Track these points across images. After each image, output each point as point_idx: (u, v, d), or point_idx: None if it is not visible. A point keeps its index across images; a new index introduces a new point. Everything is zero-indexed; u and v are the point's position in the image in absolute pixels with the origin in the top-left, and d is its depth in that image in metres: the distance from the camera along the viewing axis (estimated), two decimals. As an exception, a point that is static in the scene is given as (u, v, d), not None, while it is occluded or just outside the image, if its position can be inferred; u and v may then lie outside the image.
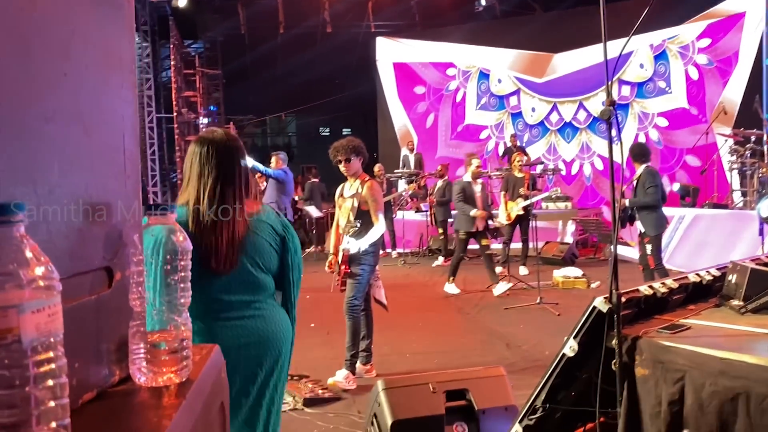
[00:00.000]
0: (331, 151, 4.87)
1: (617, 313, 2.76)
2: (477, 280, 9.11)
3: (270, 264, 2.14)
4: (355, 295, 4.75)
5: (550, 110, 14.64)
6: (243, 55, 17.90)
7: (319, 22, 16.16)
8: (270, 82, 19.48)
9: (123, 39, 1.00)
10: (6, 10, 0.73)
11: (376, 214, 4.75)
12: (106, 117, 0.94)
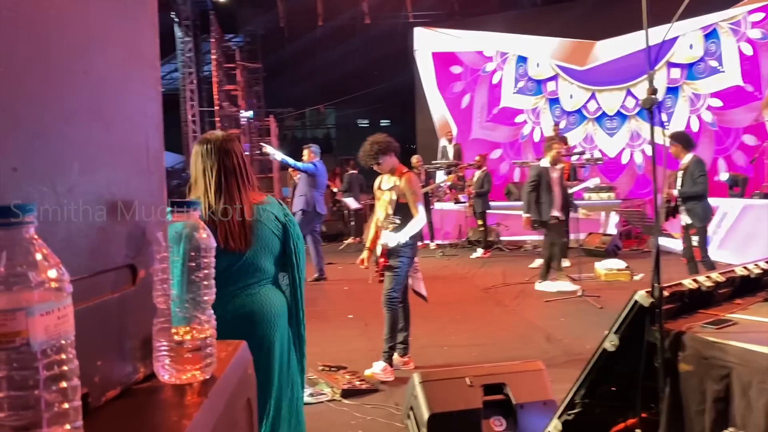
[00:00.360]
0: (360, 159, 4.89)
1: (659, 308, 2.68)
2: (517, 272, 9.02)
3: (273, 248, 2.35)
4: (393, 287, 4.74)
5: (589, 98, 14.34)
6: (282, 48, 18.00)
7: (357, 14, 16.13)
8: (309, 75, 19.57)
9: (145, 35, 0.99)
10: (23, 10, 0.73)
11: (415, 206, 4.72)
12: (129, 114, 0.94)
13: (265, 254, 2.33)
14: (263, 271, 2.34)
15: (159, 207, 1.01)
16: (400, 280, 4.78)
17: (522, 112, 15.20)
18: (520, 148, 15.25)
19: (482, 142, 15.40)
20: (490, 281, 8.58)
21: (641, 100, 2.71)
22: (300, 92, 20.57)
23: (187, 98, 15.59)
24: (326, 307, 7.41)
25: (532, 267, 9.28)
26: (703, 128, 12.74)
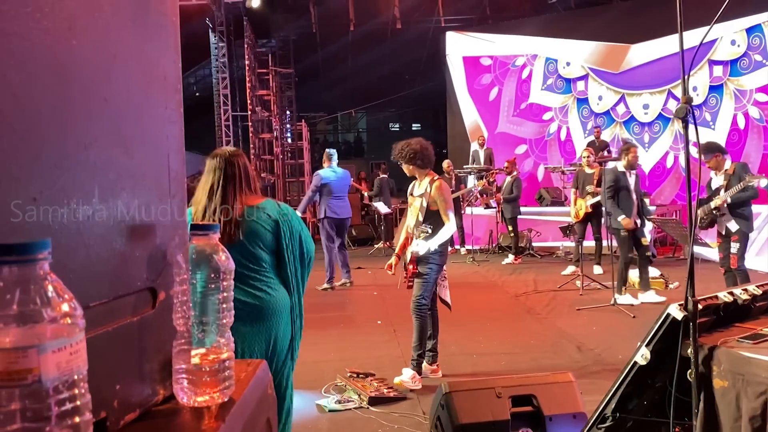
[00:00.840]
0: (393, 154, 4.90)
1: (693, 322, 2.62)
2: (548, 279, 8.91)
3: (265, 242, 2.70)
4: (422, 294, 4.72)
5: (618, 101, 14.11)
6: (314, 53, 18.14)
7: (389, 19, 16.16)
8: (341, 79, 19.67)
9: (167, 57, 1.00)
10: (45, 40, 0.74)
11: (446, 213, 4.70)
12: (150, 138, 0.95)
13: (255, 247, 2.67)
14: (256, 261, 2.67)
15: (179, 229, 1.01)
16: (429, 287, 4.76)
17: (550, 110, 15.07)
18: (546, 146, 15.12)
19: (508, 136, 15.34)
20: (521, 288, 8.50)
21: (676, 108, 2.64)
22: (332, 96, 20.70)
23: (220, 102, 15.79)
24: (354, 312, 7.42)
25: (565, 274, 9.17)
26: (750, 124, 12.39)
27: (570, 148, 14.82)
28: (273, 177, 16.60)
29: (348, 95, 20.49)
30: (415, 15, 16.25)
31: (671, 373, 2.57)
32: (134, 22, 0.90)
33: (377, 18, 16.16)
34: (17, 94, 0.69)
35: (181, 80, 1.03)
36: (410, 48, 17.70)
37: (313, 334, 6.32)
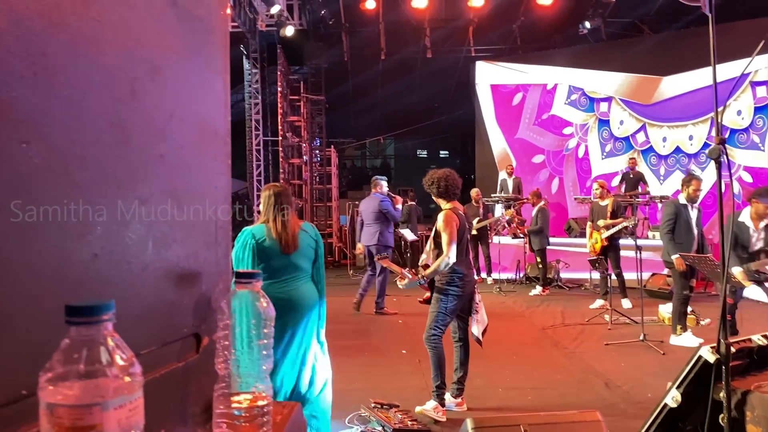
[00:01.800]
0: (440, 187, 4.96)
1: (726, 365, 2.58)
2: (576, 312, 8.80)
3: (309, 255, 3.73)
4: (434, 324, 4.71)
5: (638, 129, 14.01)
6: (345, 81, 18.40)
7: (419, 48, 16.35)
8: (370, 107, 19.89)
9: (218, 112, 1.05)
10: (109, 102, 0.79)
11: (447, 244, 4.68)
12: (200, 190, 1.00)
13: (304, 259, 3.69)
14: (302, 269, 3.68)
15: (223, 276, 1.05)
16: (441, 318, 4.74)
17: (571, 125, 15.02)
18: (563, 160, 15.06)
19: (526, 143, 15.35)
20: (548, 320, 8.41)
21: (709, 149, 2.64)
22: (361, 123, 20.91)
23: (252, 127, 16.06)
24: (379, 341, 7.41)
25: (593, 308, 9.05)
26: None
27: (587, 166, 14.81)
28: (301, 201, 16.75)
29: (377, 122, 20.68)
30: (445, 45, 16.43)
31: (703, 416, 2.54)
32: (191, 82, 0.95)
33: (408, 47, 16.37)
34: (84, 155, 0.74)
35: (230, 133, 1.08)
36: (440, 77, 17.86)
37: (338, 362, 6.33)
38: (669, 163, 13.84)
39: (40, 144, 0.68)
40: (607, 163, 14.73)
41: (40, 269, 0.68)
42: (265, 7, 12.09)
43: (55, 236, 0.70)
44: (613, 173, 14.59)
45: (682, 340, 6.80)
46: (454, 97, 18.64)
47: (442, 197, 4.91)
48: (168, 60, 0.90)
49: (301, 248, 3.65)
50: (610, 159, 14.63)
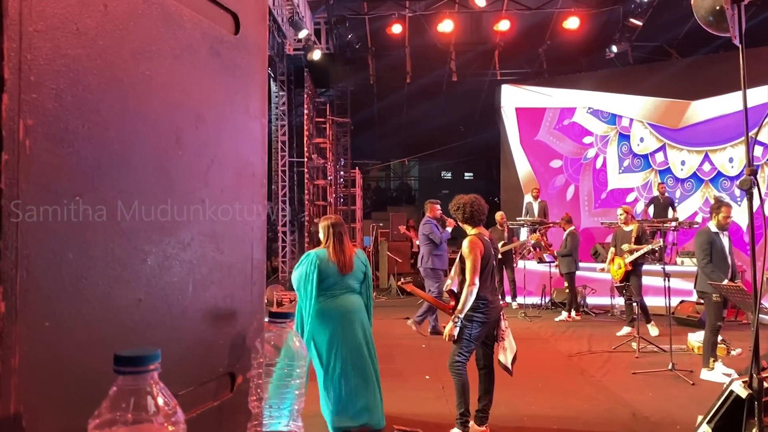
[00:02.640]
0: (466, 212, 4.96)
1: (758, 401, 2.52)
2: (603, 339, 8.67)
3: (359, 276, 4.57)
4: (458, 351, 4.67)
5: (658, 148, 13.87)
6: (371, 103, 18.57)
7: (445, 72, 16.46)
8: (395, 129, 20.01)
9: (256, 155, 1.08)
10: (155, 152, 0.82)
11: (471, 271, 4.63)
12: (238, 232, 1.02)
13: (354, 279, 4.53)
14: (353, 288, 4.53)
15: (257, 315, 1.08)
16: (465, 344, 4.69)
17: (591, 134, 14.93)
18: (580, 168, 14.95)
19: (545, 146, 15.29)
20: (574, 347, 8.28)
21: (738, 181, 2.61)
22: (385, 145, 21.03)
23: (278, 149, 16.24)
24: (403, 366, 7.36)
25: (621, 335, 8.91)
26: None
27: (603, 178, 14.78)
28: (326, 222, 16.83)
29: (402, 144, 20.79)
30: (471, 68, 16.51)
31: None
32: (231, 127, 0.98)
33: (433, 71, 16.49)
34: (132, 204, 0.77)
35: (267, 174, 1.11)
36: (465, 99, 17.93)
37: (362, 386, 6.32)
38: (686, 187, 13.70)
39: (92, 195, 0.71)
40: (624, 178, 14.68)
41: (88, 316, 0.70)
42: (294, 32, 12.29)
43: (103, 283, 0.72)
44: (629, 189, 14.51)
45: (713, 375, 6.63)
46: (479, 120, 18.69)
47: (468, 223, 4.90)
48: (210, 108, 0.93)
49: (354, 270, 4.50)
50: (626, 174, 14.56)
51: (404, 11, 14.59)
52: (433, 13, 14.49)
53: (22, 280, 0.62)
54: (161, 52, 0.82)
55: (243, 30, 1.01)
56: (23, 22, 0.62)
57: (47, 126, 0.65)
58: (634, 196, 14.63)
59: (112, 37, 0.74)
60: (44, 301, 0.64)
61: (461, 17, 14.74)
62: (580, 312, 10.75)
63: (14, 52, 0.61)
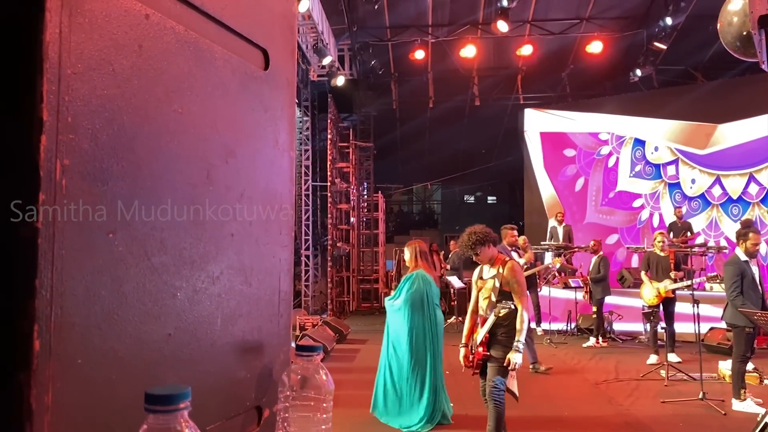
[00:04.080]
0: (459, 248, 4.98)
1: (796, 437, 2.45)
2: (631, 366, 8.51)
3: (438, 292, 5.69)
4: (499, 378, 4.60)
5: (713, 183, 13.65)
6: (394, 128, 18.68)
7: (467, 96, 16.53)
8: (418, 153, 20.08)
9: (284, 187, 1.09)
10: (186, 188, 0.83)
11: (520, 298, 4.61)
12: (266, 264, 1.03)
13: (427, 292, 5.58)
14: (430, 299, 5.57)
15: (284, 348, 1.07)
16: (506, 371, 4.64)
17: (639, 197, 14.74)
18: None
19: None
20: (601, 375, 8.13)
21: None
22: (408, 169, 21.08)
23: (302, 173, 16.36)
24: (427, 392, 7.26)
25: (650, 363, 8.73)
26: None
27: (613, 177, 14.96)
28: (348, 247, 16.86)
29: (424, 168, 20.84)
30: (493, 93, 16.55)
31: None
32: (260, 160, 0.99)
33: (456, 96, 16.56)
34: (163, 239, 0.78)
35: (294, 206, 1.11)
36: (488, 124, 17.95)
37: (385, 413, 6.27)
38: (692, 206, 13.55)
39: (124, 232, 0.72)
40: (633, 182, 14.63)
41: (120, 352, 0.71)
42: (318, 59, 12.46)
43: (134, 319, 0.73)
44: (637, 194, 14.43)
45: (745, 406, 6.45)
46: (502, 144, 18.68)
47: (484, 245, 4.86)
48: (240, 142, 0.95)
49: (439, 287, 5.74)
50: (636, 180, 14.50)
51: (427, 37, 14.72)
52: (456, 39, 14.59)
53: (56, 317, 0.62)
54: (193, 90, 0.83)
55: (272, 65, 1.03)
56: (62, 65, 0.64)
57: (83, 165, 0.66)
58: (641, 203, 14.51)
59: (147, 77, 0.75)
60: (77, 338, 0.65)
61: (484, 42, 14.82)
62: (606, 338, 10.59)
63: (53, 95, 0.62)
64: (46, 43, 0.62)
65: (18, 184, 0.61)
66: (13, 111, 0.61)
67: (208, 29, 0.87)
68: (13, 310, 0.60)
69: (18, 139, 0.61)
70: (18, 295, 0.60)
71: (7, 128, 0.61)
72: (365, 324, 13.88)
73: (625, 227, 14.90)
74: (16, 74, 0.61)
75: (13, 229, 0.60)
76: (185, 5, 0.83)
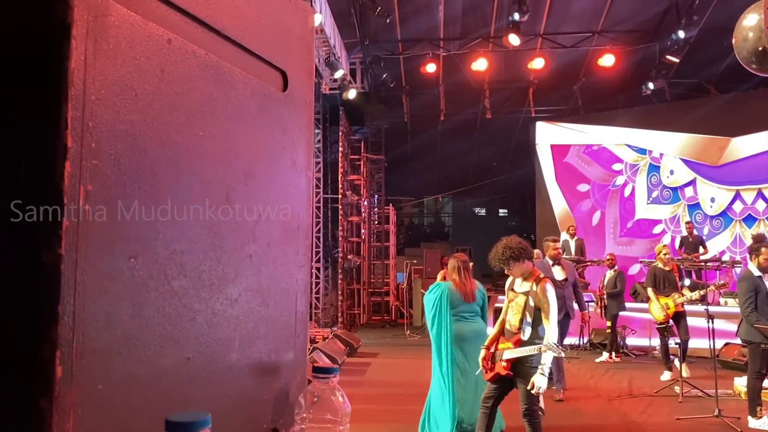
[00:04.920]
0: (490, 260, 4.81)
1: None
2: (645, 382, 8.41)
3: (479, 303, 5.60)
4: (532, 400, 4.52)
5: (733, 199, 13.50)
6: (405, 140, 18.71)
7: (479, 109, 16.54)
8: (429, 166, 20.09)
9: (302, 208, 1.09)
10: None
11: (548, 316, 4.52)
12: (283, 285, 1.03)
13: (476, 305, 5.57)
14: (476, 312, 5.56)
15: (300, 369, 1.07)
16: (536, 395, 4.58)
17: (621, 162, 14.69)
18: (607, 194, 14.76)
19: (573, 169, 15.20)
20: (614, 390, 8.04)
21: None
22: (419, 182, 21.08)
23: (313, 185, 16.41)
24: (439, 407, 7.21)
25: (664, 380, 8.63)
26: None
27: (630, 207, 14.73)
28: (359, 259, 16.85)
29: (435, 181, 20.84)
30: (505, 106, 16.56)
31: None
32: (278, 182, 0.99)
33: (467, 109, 16.58)
34: (183, 263, 0.78)
35: (312, 226, 1.11)
36: (499, 136, 17.94)
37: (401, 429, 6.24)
38: (714, 225, 13.38)
39: (146, 257, 0.72)
40: (651, 209, 14.41)
41: (140, 377, 0.70)
42: (330, 72, 12.53)
43: (154, 343, 0.73)
44: (656, 220, 14.24)
45: (761, 424, 6.34)
46: (513, 157, 18.65)
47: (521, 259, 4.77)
48: (259, 164, 0.95)
49: (476, 299, 5.59)
50: (654, 206, 14.31)
51: (438, 51, 14.77)
52: (467, 52, 14.62)
53: (78, 343, 0.62)
54: (214, 113, 0.84)
55: (291, 86, 1.03)
56: (86, 91, 0.64)
57: (106, 190, 0.66)
58: (661, 229, 14.36)
59: (168, 101, 0.76)
60: (99, 364, 0.65)
61: (495, 56, 14.84)
62: (620, 353, 10.48)
63: (78, 121, 0.63)
64: (71, 70, 0.62)
65: (42, 212, 0.61)
66: (39, 137, 0.61)
67: (228, 52, 0.88)
68: (35, 337, 0.60)
69: (43, 165, 0.61)
70: (40, 321, 0.60)
71: (32, 154, 0.61)
72: (376, 337, 13.84)
73: (598, 183, 14.95)
74: (42, 101, 0.62)
75: (37, 256, 0.60)
76: (206, 29, 0.83)
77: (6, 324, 0.60)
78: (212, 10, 0.83)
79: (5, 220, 0.62)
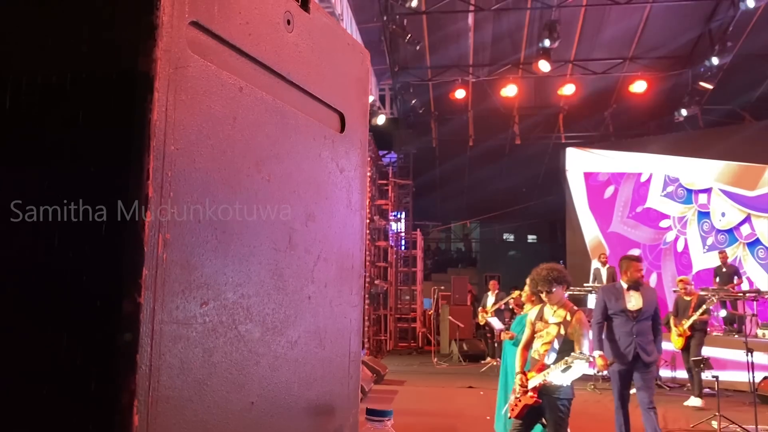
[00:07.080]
0: (532, 281, 4.79)
1: None
2: (679, 415, 8.19)
3: None
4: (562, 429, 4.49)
5: (743, 221, 13.21)
6: (433, 166, 18.74)
7: (508, 135, 16.53)
8: (457, 191, 20.07)
9: (356, 247, 1.09)
10: (271, 253, 0.84)
11: (581, 346, 4.49)
12: (338, 325, 1.03)
13: None
14: None
15: (353, 410, 1.06)
16: (565, 424, 4.52)
17: (668, 217, 14.40)
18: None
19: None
20: (648, 424, 7.83)
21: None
22: (447, 207, 21.05)
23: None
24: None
25: (687, 405, 8.48)
26: None
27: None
28: (386, 284, 16.80)
29: (463, 206, 20.79)
30: (534, 131, 16.53)
31: None
32: (335, 222, 1.00)
33: (496, 134, 16.58)
34: (249, 307, 0.79)
35: (364, 264, 1.12)
36: (528, 162, 17.88)
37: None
38: (719, 240, 13.09)
39: (216, 302, 0.73)
40: (710, 257, 13.81)
41: (208, 424, 0.71)
42: (360, 98, 12.66)
43: (222, 388, 0.73)
44: (665, 214, 14.17)
45: None
46: (542, 183, 18.54)
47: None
48: (318, 205, 0.96)
49: None
50: (712, 252, 13.79)
51: (468, 77, 14.84)
52: (497, 79, 14.67)
53: (153, 391, 0.63)
54: (279, 157, 0.85)
55: (348, 127, 1.04)
56: (166, 142, 0.65)
57: (181, 239, 0.67)
58: (668, 224, 14.23)
59: (239, 147, 0.77)
60: (172, 412, 0.65)
61: (525, 82, 14.86)
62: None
63: (158, 171, 0.64)
64: (153, 122, 0.64)
65: (123, 262, 0.62)
66: (122, 188, 0.63)
67: (292, 97, 0.89)
68: (114, 385, 0.61)
69: (124, 216, 0.62)
70: (120, 370, 0.61)
71: (114, 205, 0.63)
72: (402, 364, 13.72)
73: (649, 245, 14.56)
74: (125, 152, 0.63)
75: (118, 306, 0.61)
76: (274, 76, 0.85)
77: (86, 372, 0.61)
78: (280, 57, 0.85)
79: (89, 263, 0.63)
